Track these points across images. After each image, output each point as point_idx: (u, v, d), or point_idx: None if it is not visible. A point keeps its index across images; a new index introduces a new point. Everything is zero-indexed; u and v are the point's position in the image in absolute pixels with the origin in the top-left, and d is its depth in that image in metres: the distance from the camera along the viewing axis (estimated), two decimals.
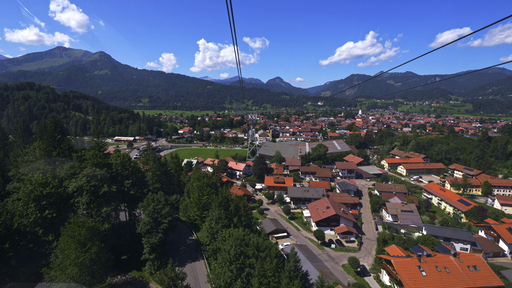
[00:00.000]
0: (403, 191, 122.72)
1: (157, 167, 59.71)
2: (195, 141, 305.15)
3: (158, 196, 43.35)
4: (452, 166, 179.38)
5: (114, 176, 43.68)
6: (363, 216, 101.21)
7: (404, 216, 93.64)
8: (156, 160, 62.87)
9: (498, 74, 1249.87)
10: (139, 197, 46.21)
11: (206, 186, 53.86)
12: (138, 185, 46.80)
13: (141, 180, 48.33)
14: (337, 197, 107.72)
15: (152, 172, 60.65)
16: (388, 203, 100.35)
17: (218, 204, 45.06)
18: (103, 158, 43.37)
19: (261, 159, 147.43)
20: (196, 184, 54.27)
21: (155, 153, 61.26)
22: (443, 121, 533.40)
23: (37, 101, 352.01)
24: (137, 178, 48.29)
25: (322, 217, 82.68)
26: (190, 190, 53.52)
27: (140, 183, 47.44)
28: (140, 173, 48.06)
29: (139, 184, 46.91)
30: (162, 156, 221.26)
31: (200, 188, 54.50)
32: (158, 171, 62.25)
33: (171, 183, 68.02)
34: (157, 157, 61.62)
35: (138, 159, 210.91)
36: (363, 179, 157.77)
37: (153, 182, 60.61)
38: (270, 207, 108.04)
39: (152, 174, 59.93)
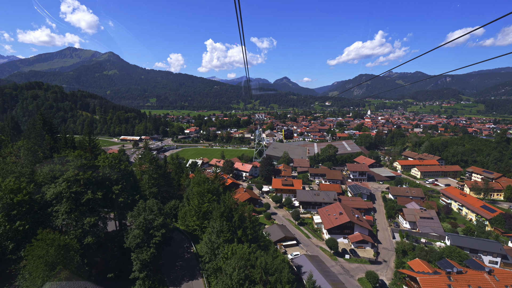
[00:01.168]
0: (420, 195, 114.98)
1: (154, 170, 54.06)
2: (201, 141, 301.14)
3: (150, 204, 37.33)
4: (470, 169, 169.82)
5: (100, 181, 38.38)
6: (378, 222, 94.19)
7: (424, 224, 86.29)
8: (153, 161, 57.62)
9: (510, 74, 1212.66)
10: (130, 204, 40.61)
11: (207, 192, 47.00)
12: (129, 191, 41.34)
13: (134, 185, 42.64)
14: (349, 202, 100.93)
15: (149, 175, 55.61)
16: (406, 209, 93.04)
17: (219, 215, 39.26)
18: (89, 160, 38.13)
19: (268, 160, 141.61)
20: (196, 189, 48.14)
21: (152, 153, 55.73)
22: (455, 122, 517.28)
23: (45, 100, 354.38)
24: (129, 183, 43.37)
25: (335, 224, 76.19)
26: (190, 196, 47.84)
27: (133, 188, 41.76)
28: (132, 176, 42.21)
29: (130, 189, 41.37)
30: (167, 156, 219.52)
31: (200, 194, 47.43)
32: (155, 174, 55.89)
33: (170, 187, 63.85)
34: (154, 158, 56.08)
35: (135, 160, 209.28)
36: (375, 181, 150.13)
37: (150, 186, 54.94)
38: (278, 211, 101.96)
39: (149, 177, 54.57)
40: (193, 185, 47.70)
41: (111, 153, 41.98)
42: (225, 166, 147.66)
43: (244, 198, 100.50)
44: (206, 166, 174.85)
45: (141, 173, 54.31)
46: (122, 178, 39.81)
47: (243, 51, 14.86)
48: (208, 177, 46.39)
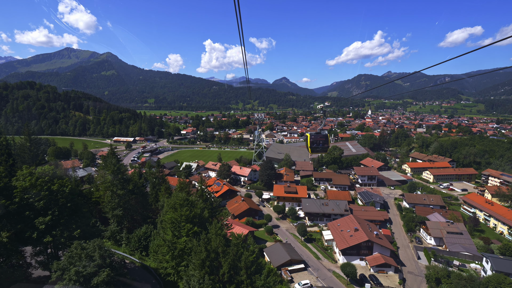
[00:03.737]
0: (439, 203, 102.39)
1: (120, 184, 41.23)
2: (198, 142, 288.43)
3: (89, 249, 24.40)
4: (486, 172, 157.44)
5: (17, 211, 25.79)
6: (396, 237, 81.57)
7: (452, 240, 73.70)
8: (117, 172, 41.62)
9: (510, 73, 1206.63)
10: (65, 244, 27.91)
11: (186, 221, 32.31)
12: (67, 223, 28.39)
13: (77, 212, 29.66)
14: (361, 212, 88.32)
15: (112, 192, 41.84)
16: (429, 222, 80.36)
17: (199, 264, 26.68)
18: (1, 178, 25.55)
19: (268, 163, 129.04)
20: (170, 216, 32.78)
21: (117, 160, 42.57)
22: (457, 122, 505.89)
23: (37, 101, 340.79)
24: (66, 211, 28.39)
25: (350, 244, 63.54)
26: (163, 223, 34.97)
27: (75, 218, 28.77)
28: (72, 202, 28.60)
29: (70, 220, 28.43)
30: (161, 158, 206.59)
31: (175, 224, 32.51)
32: (120, 190, 40.57)
33: (143, 207, 46.45)
34: (118, 168, 42.65)
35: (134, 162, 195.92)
36: (385, 186, 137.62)
37: (112, 207, 40.59)
38: (281, 223, 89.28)
39: (112, 195, 42.06)
40: (167, 208, 34.78)
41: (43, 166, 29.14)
42: (221, 170, 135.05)
43: (242, 209, 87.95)
44: (202, 170, 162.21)
45: (105, 189, 41.39)
46: (55, 203, 27.04)
47: (242, 51, 13.65)
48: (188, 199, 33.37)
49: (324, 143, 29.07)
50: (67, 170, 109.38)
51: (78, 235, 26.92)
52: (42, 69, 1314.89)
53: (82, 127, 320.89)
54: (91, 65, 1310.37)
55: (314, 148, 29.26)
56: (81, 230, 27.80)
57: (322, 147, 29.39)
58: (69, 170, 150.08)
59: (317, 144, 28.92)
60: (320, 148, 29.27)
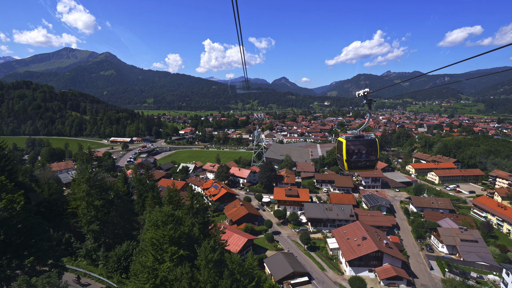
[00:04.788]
0: (448, 207, 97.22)
1: (97, 193, 35.80)
2: (196, 142, 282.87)
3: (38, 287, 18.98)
4: (493, 173, 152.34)
5: None
6: (404, 244, 76.33)
7: (467, 248, 68.51)
8: (92, 179, 35.19)
9: (509, 73, 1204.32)
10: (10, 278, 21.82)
11: (170, 243, 26.51)
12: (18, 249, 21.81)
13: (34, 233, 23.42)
14: (367, 218, 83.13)
15: (87, 203, 35.02)
16: (441, 229, 75.08)
17: None
18: None
19: (268, 164, 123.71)
20: (150, 236, 27.13)
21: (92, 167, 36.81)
22: (459, 122, 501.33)
23: (33, 100, 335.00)
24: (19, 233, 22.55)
25: (358, 255, 58.32)
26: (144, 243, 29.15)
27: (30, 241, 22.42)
28: (26, 222, 22.42)
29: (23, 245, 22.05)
30: (158, 159, 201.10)
31: (157, 246, 26.67)
32: (98, 200, 34.78)
33: (127, 219, 39.85)
34: (95, 175, 36.46)
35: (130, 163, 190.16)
36: (390, 188, 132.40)
37: (88, 221, 34.34)
38: (282, 229, 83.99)
39: (87, 207, 35.80)
40: (148, 226, 29.24)
41: None
42: (219, 172, 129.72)
43: (241, 214, 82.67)
44: (199, 171, 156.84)
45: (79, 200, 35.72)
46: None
47: (241, 51, 13.22)
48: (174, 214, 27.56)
49: (371, 154, 18.13)
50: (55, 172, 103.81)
51: (30, 264, 21.78)
52: (40, 69, 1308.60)
53: (78, 127, 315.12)
54: (90, 65, 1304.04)
55: (355, 164, 18.20)
56: (40, 255, 22.55)
57: (368, 162, 18.26)
58: (61, 172, 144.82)
59: (359, 156, 18.05)
60: (364, 163, 18.21)
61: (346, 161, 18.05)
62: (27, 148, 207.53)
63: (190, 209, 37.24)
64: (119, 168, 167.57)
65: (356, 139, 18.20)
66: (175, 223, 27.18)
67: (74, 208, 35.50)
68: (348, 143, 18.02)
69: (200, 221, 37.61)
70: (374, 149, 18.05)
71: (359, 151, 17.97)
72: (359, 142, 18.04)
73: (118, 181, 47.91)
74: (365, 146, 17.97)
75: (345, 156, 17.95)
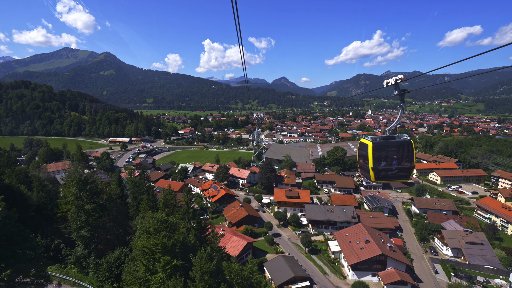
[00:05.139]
0: (452, 208, 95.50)
1: (88, 197, 34.08)
2: (196, 143, 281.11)
3: None
4: (496, 173, 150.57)
5: None
6: (408, 247, 74.60)
7: (472, 251, 66.76)
8: (82, 182, 33.09)
9: (509, 73, 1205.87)
10: None
11: (163, 251, 24.60)
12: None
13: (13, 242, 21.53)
14: (370, 219, 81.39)
15: (77, 207, 32.50)
16: (445, 231, 73.33)
17: None
18: None
19: (268, 165, 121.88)
20: (142, 244, 25.19)
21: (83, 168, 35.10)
22: (459, 121, 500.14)
23: (31, 100, 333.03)
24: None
25: (362, 259, 56.56)
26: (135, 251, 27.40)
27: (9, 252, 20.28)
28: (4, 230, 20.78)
29: None
30: (157, 160, 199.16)
31: (149, 256, 24.62)
32: (89, 204, 32.81)
33: (120, 224, 37.74)
34: (86, 178, 34.53)
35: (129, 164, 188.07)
36: (391, 189, 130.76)
37: (78, 227, 32.25)
38: (282, 231, 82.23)
39: (77, 211, 32.21)
40: (140, 233, 27.29)
41: None
42: (219, 173, 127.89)
43: (240, 216, 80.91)
44: (199, 172, 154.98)
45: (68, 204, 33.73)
46: None
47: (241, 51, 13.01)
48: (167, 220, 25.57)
49: (404, 160, 14.55)
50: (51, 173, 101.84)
51: (7, 277, 20.00)
52: (40, 69, 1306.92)
53: (77, 127, 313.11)
54: (90, 65, 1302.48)
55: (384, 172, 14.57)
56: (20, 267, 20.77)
57: (401, 171, 14.61)
58: (58, 173, 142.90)
59: (389, 163, 14.48)
60: (395, 172, 14.58)
61: (373, 170, 14.35)
62: (24, 148, 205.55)
63: (186, 213, 35.42)
64: (117, 169, 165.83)
65: (386, 140, 14.47)
66: (169, 230, 25.37)
67: (65, 212, 33.66)
68: (375, 146, 14.32)
69: (197, 227, 35.73)
70: (408, 153, 14.43)
71: (390, 156, 14.42)
72: (390, 145, 14.39)
73: (112, 183, 46.15)
74: (397, 150, 14.36)
75: (371, 163, 14.32)
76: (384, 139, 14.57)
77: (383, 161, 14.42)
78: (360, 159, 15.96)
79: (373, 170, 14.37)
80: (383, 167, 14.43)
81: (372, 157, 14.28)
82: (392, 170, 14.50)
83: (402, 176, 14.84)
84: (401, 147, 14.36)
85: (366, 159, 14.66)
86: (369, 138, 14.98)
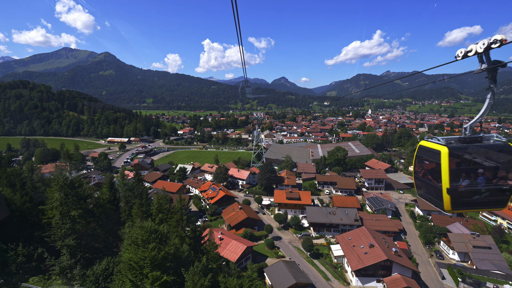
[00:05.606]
0: None
1: (74, 203, 31.39)
2: (195, 143, 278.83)
3: None
4: None
5: None
6: (413, 250, 72.28)
7: (480, 255, 64.45)
8: (67, 186, 30.28)
9: (509, 73, 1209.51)
10: None
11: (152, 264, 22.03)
12: None
13: None
14: (373, 222, 79.05)
15: (61, 213, 29.69)
16: (452, 235, 70.96)
17: None
18: None
19: (268, 166, 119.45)
20: (128, 257, 22.50)
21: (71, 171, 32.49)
22: (459, 121, 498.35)
23: (30, 100, 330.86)
24: None
25: (366, 264, 54.19)
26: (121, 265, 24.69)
27: None
28: None
29: None
30: (155, 160, 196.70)
31: (136, 271, 22.05)
32: (75, 210, 30.16)
33: (109, 231, 35.04)
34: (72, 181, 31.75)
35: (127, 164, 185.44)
36: (394, 190, 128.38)
37: (63, 235, 29.56)
38: (283, 234, 79.90)
39: (62, 217, 29.42)
40: (127, 244, 24.74)
41: None
42: (218, 173, 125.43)
43: (239, 218, 78.57)
44: (197, 172, 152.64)
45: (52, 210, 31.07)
46: None
47: (240, 51, 13.29)
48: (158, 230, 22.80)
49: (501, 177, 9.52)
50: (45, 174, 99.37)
51: None
52: (39, 69, 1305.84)
53: (76, 127, 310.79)
54: (89, 65, 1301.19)
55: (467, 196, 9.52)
56: None
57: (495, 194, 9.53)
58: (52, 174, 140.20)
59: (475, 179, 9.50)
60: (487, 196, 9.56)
61: (449, 192, 9.42)
62: (21, 148, 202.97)
63: (180, 221, 32.92)
64: (115, 169, 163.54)
65: (469, 144, 9.64)
66: (159, 241, 22.88)
67: (51, 218, 31.20)
68: (454, 154, 9.44)
69: (191, 235, 33.20)
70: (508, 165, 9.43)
71: (477, 170, 9.53)
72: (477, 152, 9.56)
73: (103, 185, 43.79)
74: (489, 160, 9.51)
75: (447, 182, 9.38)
76: (465, 142, 9.69)
77: (466, 178, 9.55)
78: (418, 172, 11.36)
79: (450, 193, 9.39)
80: (465, 188, 9.44)
81: (449, 172, 9.33)
82: (480, 193, 9.49)
83: (496, 203, 9.78)
84: (495, 155, 9.49)
85: (435, 175, 9.95)
86: (440, 140, 10.19)
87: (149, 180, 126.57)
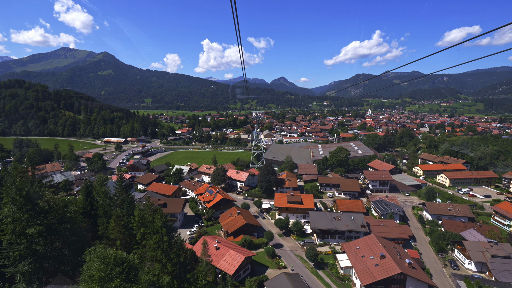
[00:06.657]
0: (467, 214, 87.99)
1: (31, 217, 25.24)
2: (193, 143, 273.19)
3: None
4: (507, 175, 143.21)
5: None
6: (424, 259, 67.00)
7: (499, 266, 59.23)
8: (22, 198, 24.28)
9: (508, 73, 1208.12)
10: None
11: None
12: None
13: None
14: (380, 228, 73.77)
15: (12, 231, 23.34)
16: (467, 242, 65.63)
17: None
18: None
19: (268, 167, 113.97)
20: (91, 273, 17.35)
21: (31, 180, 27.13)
22: (460, 121, 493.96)
23: (25, 100, 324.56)
24: None
25: (378, 278, 48.84)
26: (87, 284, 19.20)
27: None
28: None
29: None
30: (152, 161, 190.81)
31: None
32: (33, 227, 24.14)
33: (79, 249, 28.47)
34: (28, 192, 25.85)
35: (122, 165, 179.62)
36: (399, 192, 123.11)
37: (17, 258, 23.46)
38: (284, 241, 74.50)
39: (16, 236, 22.20)
40: (85, 276, 18.99)
41: None
42: (215, 175, 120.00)
43: (238, 224, 73.13)
44: (195, 174, 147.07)
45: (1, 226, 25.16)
46: None
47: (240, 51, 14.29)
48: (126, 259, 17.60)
49: None
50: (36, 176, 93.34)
51: None
52: (38, 69, 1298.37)
53: (72, 127, 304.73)
54: (88, 64, 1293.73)
55: None
56: None
57: None
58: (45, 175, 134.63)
59: None
60: None
61: None
62: (14, 149, 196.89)
63: (160, 242, 27.03)
64: (110, 170, 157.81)
65: None
66: (126, 277, 17.32)
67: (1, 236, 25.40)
68: None
69: (175, 260, 27.24)
70: None
71: None
72: None
73: (80, 193, 38.45)
74: None
75: None
76: None
77: None
78: None
79: None
80: None
81: None
82: None
83: None
84: None
85: None
86: None
87: (144, 182, 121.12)
